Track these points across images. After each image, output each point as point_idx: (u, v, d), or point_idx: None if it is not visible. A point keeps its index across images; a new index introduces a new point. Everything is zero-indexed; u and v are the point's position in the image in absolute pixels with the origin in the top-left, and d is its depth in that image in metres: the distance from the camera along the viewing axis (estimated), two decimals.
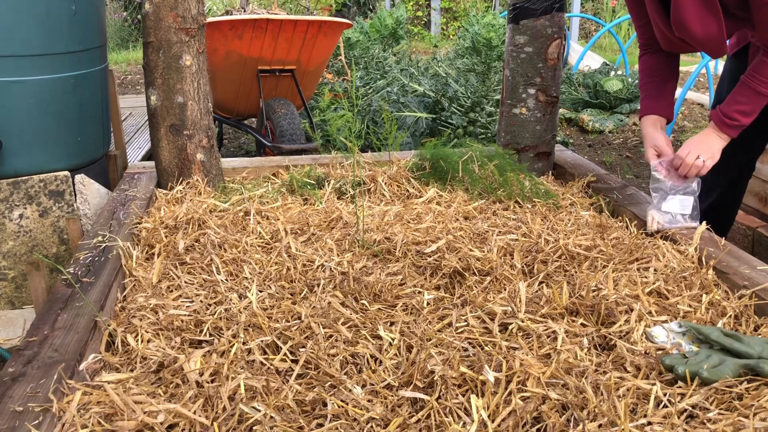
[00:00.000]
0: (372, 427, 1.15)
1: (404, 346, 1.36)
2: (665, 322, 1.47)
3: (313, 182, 2.29)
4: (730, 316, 1.50)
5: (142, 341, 1.40)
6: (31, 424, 1.10)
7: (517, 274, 1.66)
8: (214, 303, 1.55)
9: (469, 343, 1.37)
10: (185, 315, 1.48)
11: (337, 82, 4.51)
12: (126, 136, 3.92)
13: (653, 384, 1.22)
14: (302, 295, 1.58)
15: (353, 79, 2.28)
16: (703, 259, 1.72)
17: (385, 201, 2.19)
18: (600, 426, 1.12)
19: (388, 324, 1.46)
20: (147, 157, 3.60)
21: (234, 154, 4.47)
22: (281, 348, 1.36)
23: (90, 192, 2.47)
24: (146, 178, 2.33)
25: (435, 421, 1.15)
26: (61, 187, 2.49)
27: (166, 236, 1.85)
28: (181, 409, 1.14)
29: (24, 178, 2.45)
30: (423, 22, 10.14)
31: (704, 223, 1.90)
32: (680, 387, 1.23)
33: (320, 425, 1.16)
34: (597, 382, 1.23)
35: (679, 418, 1.15)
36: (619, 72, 5.48)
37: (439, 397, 1.20)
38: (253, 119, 4.36)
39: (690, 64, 8.00)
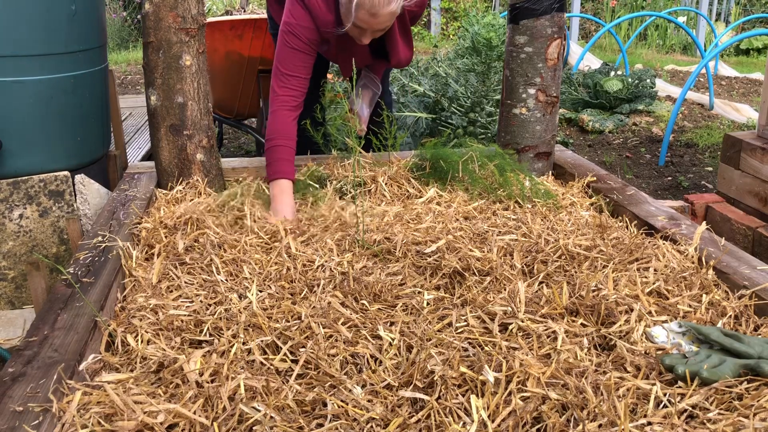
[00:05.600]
0: (372, 427, 1.15)
1: (404, 346, 1.36)
2: (665, 322, 1.47)
3: (314, 184, 2.28)
4: (730, 316, 1.50)
5: (142, 341, 1.40)
6: (30, 425, 1.10)
7: (517, 274, 1.66)
8: (214, 303, 1.55)
9: (469, 343, 1.37)
10: (185, 315, 1.48)
11: (337, 83, 4.51)
12: (126, 136, 3.92)
13: (653, 384, 1.22)
14: (302, 295, 1.58)
15: (353, 79, 2.27)
16: (703, 259, 1.72)
17: (386, 201, 2.19)
18: (600, 426, 1.12)
19: (388, 324, 1.46)
20: (147, 157, 3.60)
21: (234, 154, 4.47)
22: (281, 348, 1.36)
23: (90, 192, 2.48)
24: (146, 178, 2.33)
25: (435, 421, 1.15)
26: (61, 187, 2.49)
27: (165, 236, 1.85)
28: (181, 409, 1.14)
29: (24, 178, 2.45)
30: (423, 22, 10.14)
31: (704, 223, 1.90)
32: (680, 387, 1.23)
33: (320, 425, 1.16)
34: (597, 382, 1.23)
35: (679, 418, 1.15)
36: (619, 72, 5.48)
37: (439, 397, 1.20)
38: (253, 119, 4.36)
39: (690, 64, 8.00)
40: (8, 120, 2.38)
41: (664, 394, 1.21)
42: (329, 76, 4.86)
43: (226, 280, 1.65)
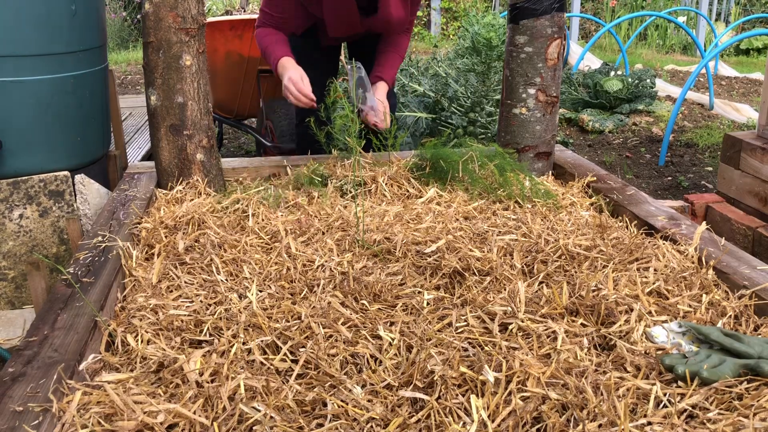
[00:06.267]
0: (372, 427, 1.15)
1: (404, 346, 1.36)
2: (665, 322, 1.47)
3: (319, 179, 2.29)
4: (730, 316, 1.50)
5: (142, 341, 1.40)
6: (30, 425, 1.10)
7: (517, 274, 1.66)
8: (214, 303, 1.55)
9: (469, 343, 1.37)
10: (185, 315, 1.48)
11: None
12: (126, 136, 3.92)
13: (653, 384, 1.22)
14: (302, 295, 1.58)
15: (353, 79, 2.27)
16: (703, 259, 1.72)
17: (386, 201, 2.19)
18: (600, 426, 1.12)
19: (388, 324, 1.46)
20: (147, 157, 3.60)
21: (234, 154, 4.47)
22: (281, 348, 1.36)
23: (90, 192, 2.48)
24: (146, 178, 2.33)
25: (435, 421, 1.15)
26: (61, 187, 2.49)
27: (165, 236, 1.85)
28: (181, 409, 1.14)
29: (24, 178, 2.45)
30: (423, 22, 10.14)
31: (704, 223, 1.90)
32: (680, 387, 1.23)
33: (320, 425, 1.16)
34: (597, 382, 1.23)
35: (679, 418, 1.15)
36: (619, 72, 5.48)
37: (439, 397, 1.20)
38: (253, 119, 4.37)
39: (690, 64, 8.00)
40: (8, 120, 2.38)
41: (664, 394, 1.21)
42: None
43: (226, 280, 1.65)
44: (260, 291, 1.60)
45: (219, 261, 1.72)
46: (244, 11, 4.22)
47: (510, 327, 1.43)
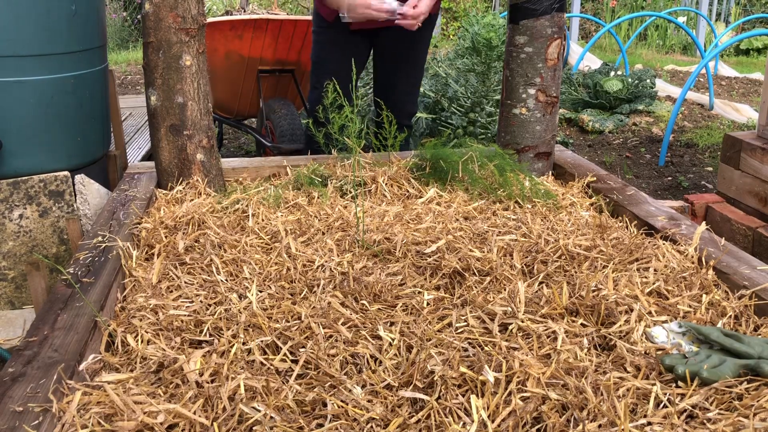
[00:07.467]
0: (372, 427, 1.15)
1: (404, 346, 1.36)
2: (665, 322, 1.47)
3: (319, 179, 2.29)
4: (730, 316, 1.50)
5: (142, 341, 1.40)
6: (30, 425, 1.10)
7: (517, 275, 1.66)
8: (214, 303, 1.55)
9: (469, 343, 1.37)
10: (185, 315, 1.48)
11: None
12: (126, 136, 3.92)
13: (653, 384, 1.23)
14: (302, 296, 1.58)
15: (353, 79, 2.27)
16: (703, 259, 1.72)
17: (386, 201, 2.19)
18: (600, 426, 1.13)
19: (388, 324, 1.46)
20: (147, 157, 3.60)
21: (234, 154, 4.47)
22: (281, 348, 1.36)
23: (90, 192, 2.48)
24: (146, 178, 2.33)
25: (435, 421, 1.15)
26: (61, 187, 2.49)
27: (165, 236, 1.85)
28: (181, 410, 1.14)
29: (24, 178, 2.45)
30: None
31: (704, 223, 1.90)
32: (680, 387, 1.23)
33: (320, 425, 1.16)
34: (597, 382, 1.23)
35: (679, 418, 1.15)
36: (619, 72, 5.48)
37: (439, 398, 1.20)
38: (253, 119, 4.36)
39: (690, 64, 8.00)
40: (8, 120, 2.38)
41: (664, 394, 1.21)
42: None
43: (226, 280, 1.65)
44: (260, 291, 1.60)
45: (219, 261, 1.72)
46: (244, 11, 4.22)
47: (510, 327, 1.43)
